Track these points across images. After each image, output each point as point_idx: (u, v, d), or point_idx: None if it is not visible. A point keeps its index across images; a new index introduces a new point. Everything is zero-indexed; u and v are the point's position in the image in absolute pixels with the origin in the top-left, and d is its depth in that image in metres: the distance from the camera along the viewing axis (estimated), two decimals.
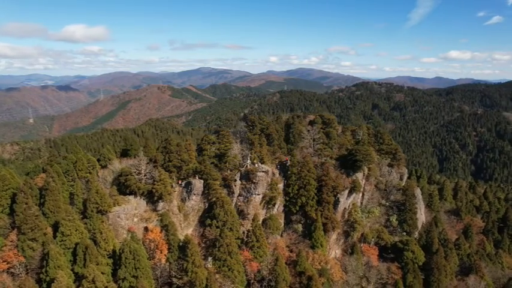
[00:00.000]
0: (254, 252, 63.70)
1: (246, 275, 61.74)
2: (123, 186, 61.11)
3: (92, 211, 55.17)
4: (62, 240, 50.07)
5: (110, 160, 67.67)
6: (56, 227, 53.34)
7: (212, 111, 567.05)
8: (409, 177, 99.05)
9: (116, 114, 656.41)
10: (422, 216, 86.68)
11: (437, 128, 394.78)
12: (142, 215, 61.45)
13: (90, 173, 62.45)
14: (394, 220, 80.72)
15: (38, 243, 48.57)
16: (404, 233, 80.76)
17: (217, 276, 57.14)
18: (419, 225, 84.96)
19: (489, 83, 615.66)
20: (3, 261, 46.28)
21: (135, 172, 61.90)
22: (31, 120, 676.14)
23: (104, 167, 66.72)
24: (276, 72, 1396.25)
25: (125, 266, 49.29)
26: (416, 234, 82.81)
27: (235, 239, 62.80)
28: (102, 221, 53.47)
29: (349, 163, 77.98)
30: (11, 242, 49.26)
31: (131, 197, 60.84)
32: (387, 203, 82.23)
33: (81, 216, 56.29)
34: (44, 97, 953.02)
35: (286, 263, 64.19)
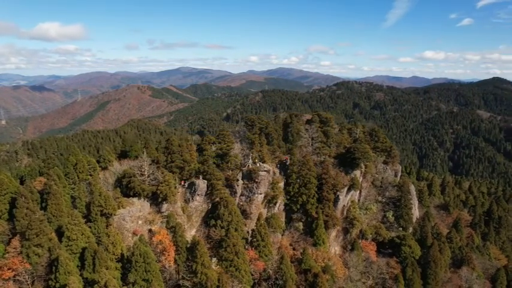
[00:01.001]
0: (259, 252, 63.78)
1: (252, 274, 61.80)
2: (127, 188, 59.83)
3: (96, 214, 53.73)
4: (68, 245, 48.53)
5: (109, 162, 66.01)
6: (59, 231, 51.70)
7: (194, 111, 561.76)
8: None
9: (95, 115, 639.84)
10: (416, 211, 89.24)
11: (417, 126, 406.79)
12: (146, 217, 60.38)
13: (91, 175, 60.74)
14: (390, 216, 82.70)
15: (43, 249, 46.83)
16: (401, 228, 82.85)
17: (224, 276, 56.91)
18: (414, 221, 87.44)
19: (462, 83, 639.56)
20: (9, 269, 44.33)
21: (138, 173, 60.70)
22: (3, 122, 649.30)
23: (104, 168, 65.04)
24: (257, 71, 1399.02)
25: (135, 270, 48.30)
26: (410, 229, 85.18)
27: (241, 238, 62.64)
28: (110, 224, 52.19)
29: (347, 161, 79.34)
30: (14, 248, 47.26)
31: (135, 199, 59.66)
32: (383, 200, 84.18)
33: (85, 220, 54.70)
34: (17, 98, 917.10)
35: (290, 261, 64.64)
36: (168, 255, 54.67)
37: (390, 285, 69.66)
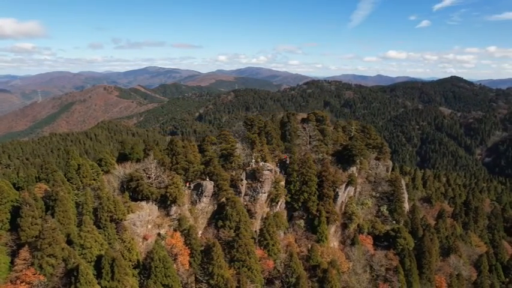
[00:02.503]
0: (268, 251, 64.10)
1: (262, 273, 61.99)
2: (134, 191, 57.91)
3: (106, 220, 51.67)
4: (82, 254, 46.31)
5: (111, 165, 63.48)
6: (68, 240, 49.22)
7: (165, 112, 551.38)
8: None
9: (58, 117, 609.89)
10: (406, 204, 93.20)
11: (386, 123, 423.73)
12: (155, 221, 58.83)
13: (95, 179, 58.13)
14: (384, 210, 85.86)
15: (57, 259, 44.32)
16: (394, 222, 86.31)
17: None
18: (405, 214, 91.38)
19: (424, 81, 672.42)
20: (22, 282, 41.53)
21: (145, 176, 58.91)
22: None
23: (106, 172, 62.46)
24: (226, 71, 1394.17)
25: (155, 275, 47.01)
26: (402, 222, 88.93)
27: (250, 238, 62.61)
28: (125, 230, 50.33)
29: (344, 158, 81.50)
30: (23, 260, 44.36)
31: (143, 203, 57.89)
32: (377, 195, 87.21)
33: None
34: None
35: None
36: (183, 258, 53.64)
37: (391, 276, 72.36)
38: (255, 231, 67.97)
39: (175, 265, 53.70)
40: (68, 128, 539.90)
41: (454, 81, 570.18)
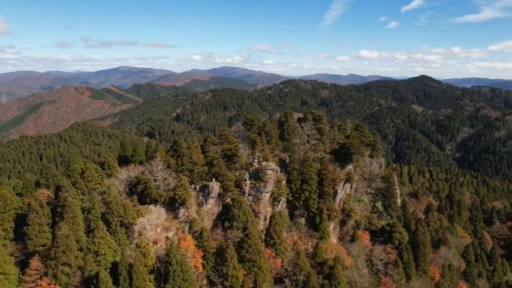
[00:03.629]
0: (276, 250, 64.40)
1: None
2: (141, 194, 56.38)
3: (116, 225, 50.09)
4: (97, 261, 44.66)
5: (114, 168, 61.44)
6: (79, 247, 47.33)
7: (140, 112, 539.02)
8: None
9: (26, 119, 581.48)
10: (399, 200, 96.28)
11: (361, 121, 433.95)
12: (163, 224, 57.62)
13: (99, 183, 56.11)
14: (379, 206, 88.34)
15: (72, 267, 42.47)
16: (389, 217, 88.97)
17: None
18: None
19: (395, 80, 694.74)
20: None
21: (152, 179, 57.53)
22: None
23: (109, 176, 60.40)
24: (201, 70, 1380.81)
25: (173, 280, 46.07)
26: (395, 217, 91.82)
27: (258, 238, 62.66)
28: (140, 234, 48.94)
29: (342, 156, 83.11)
30: (35, 270, 42.18)
31: (151, 206, 56.52)
32: (372, 191, 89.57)
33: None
34: None
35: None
36: (196, 261, 52.92)
37: (391, 269, 74.60)
38: (261, 230, 68.06)
39: (191, 268, 52.88)
40: (36, 130, 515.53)
41: (424, 80, 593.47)
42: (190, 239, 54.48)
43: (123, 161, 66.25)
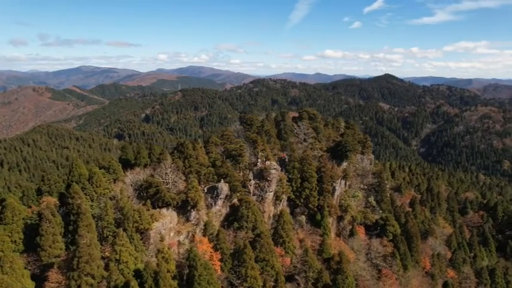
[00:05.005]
0: (285, 248, 64.93)
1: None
2: (153, 198, 54.59)
3: (132, 231, 48.25)
4: (119, 269, 42.74)
5: (119, 172, 58.88)
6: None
7: (107, 114, 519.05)
8: None
9: None
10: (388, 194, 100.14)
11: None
12: (175, 228, 56.20)
13: (107, 188, 53.58)
14: (372, 201, 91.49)
15: (95, 278, 40.35)
16: (381, 211, 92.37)
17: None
18: None
19: (360, 79, 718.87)
20: None
21: (163, 182, 55.85)
22: None
23: (115, 180, 57.83)
24: (167, 70, 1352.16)
25: (199, 284, 45.13)
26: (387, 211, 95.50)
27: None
28: (161, 240, 47.36)
29: (338, 153, 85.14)
30: (56, 283, 39.65)
31: (163, 210, 54.91)
32: (365, 187, 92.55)
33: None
34: None
35: None
36: (214, 264, 52.15)
37: (390, 261, 77.55)
38: (267, 230, 68.20)
39: None
40: None
41: (388, 78, 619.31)
42: (206, 241, 53.60)
43: (125, 164, 63.77)
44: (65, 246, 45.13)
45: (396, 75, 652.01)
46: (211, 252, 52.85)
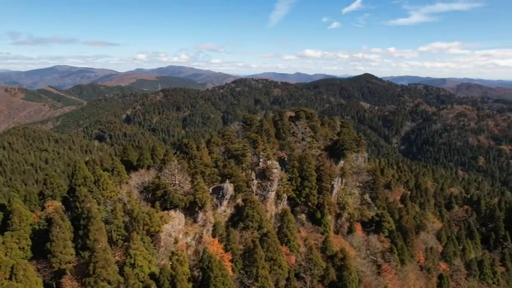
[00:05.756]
0: (290, 247, 65.30)
1: None
2: (160, 200, 53.60)
3: (143, 234, 47.30)
4: (135, 274, 41.77)
5: (124, 174, 57.44)
6: None
7: (86, 115, 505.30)
8: None
9: None
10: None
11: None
12: (183, 230, 55.43)
13: (113, 191, 52.15)
14: (367, 198, 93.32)
15: (112, 283, 39.22)
16: (376, 208, 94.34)
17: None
18: None
19: (340, 78, 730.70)
20: None
21: (170, 183, 54.92)
22: None
23: (119, 182, 56.36)
24: (146, 70, 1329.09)
25: (214, 285, 44.74)
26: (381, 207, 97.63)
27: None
28: (176, 242, 46.56)
29: (335, 152, 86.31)
30: None
31: (172, 212, 54.02)
32: (360, 184, 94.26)
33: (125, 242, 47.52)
34: None
35: None
36: (225, 264, 51.79)
37: (388, 256, 79.35)
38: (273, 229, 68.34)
39: None
40: None
41: (367, 78, 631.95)
42: (217, 242, 53.21)
43: (126, 166, 62.33)
44: (75, 251, 43.68)
45: (375, 75, 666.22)
46: (221, 253, 52.49)
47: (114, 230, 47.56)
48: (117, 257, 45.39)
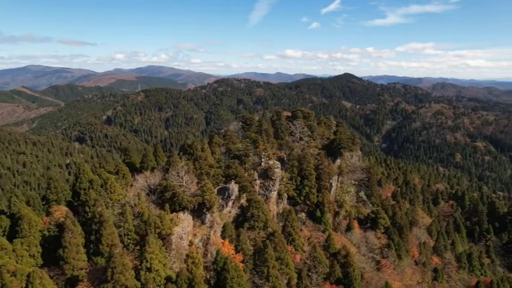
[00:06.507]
0: (294, 246, 65.73)
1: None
2: (169, 202, 52.69)
3: (155, 237, 46.43)
4: (151, 278, 40.93)
5: (129, 177, 56.05)
6: None
7: (64, 116, 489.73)
8: None
9: None
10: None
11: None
12: (192, 231, 54.78)
13: (121, 194, 50.84)
14: (363, 195, 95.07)
15: None
16: (371, 205, 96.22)
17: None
18: None
19: (321, 78, 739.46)
20: None
21: (177, 185, 54.06)
22: None
23: (125, 185, 54.97)
24: (125, 70, 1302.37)
25: (231, 287, 44.48)
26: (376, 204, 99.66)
27: None
28: (191, 245, 45.83)
29: (332, 151, 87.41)
30: None
31: (180, 214, 53.26)
32: (356, 182, 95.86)
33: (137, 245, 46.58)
34: None
35: None
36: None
37: (386, 253, 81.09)
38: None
39: None
40: None
41: (348, 77, 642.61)
42: (227, 243, 52.91)
43: (129, 168, 60.89)
44: (87, 257, 42.40)
45: (354, 74, 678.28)
46: (233, 254, 52.24)
47: (125, 234, 46.48)
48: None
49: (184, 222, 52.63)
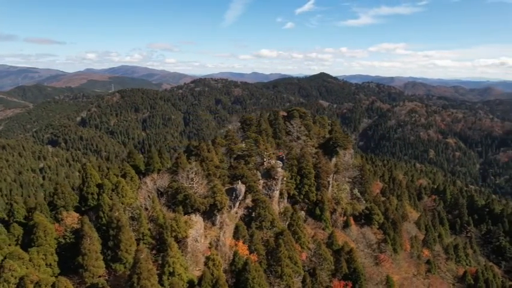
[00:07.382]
0: (300, 244, 66.27)
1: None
2: (181, 204, 51.64)
3: (171, 241, 45.46)
4: (175, 282, 40.04)
5: (136, 180, 54.43)
6: None
7: (34, 118, 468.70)
8: None
9: None
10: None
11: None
12: (203, 233, 54.04)
13: (132, 197, 49.30)
14: (357, 192, 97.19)
15: None
16: (364, 201, 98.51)
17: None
18: None
19: (298, 78, 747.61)
20: None
21: (188, 187, 53.10)
22: None
23: (136, 188, 53.34)
24: (97, 70, 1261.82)
25: (252, 287, 44.28)
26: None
27: None
28: (210, 247, 45.12)
29: (328, 149, 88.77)
30: None
31: (192, 216, 52.39)
32: (350, 179, 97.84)
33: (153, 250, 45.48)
34: None
35: None
36: None
37: (384, 247, 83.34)
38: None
39: None
40: None
41: (323, 77, 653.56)
42: (241, 244, 52.64)
43: (135, 171, 59.28)
44: (105, 263, 40.94)
45: (329, 74, 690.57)
46: (247, 255, 52.00)
47: (140, 239, 45.26)
48: None
49: (197, 224, 51.89)
